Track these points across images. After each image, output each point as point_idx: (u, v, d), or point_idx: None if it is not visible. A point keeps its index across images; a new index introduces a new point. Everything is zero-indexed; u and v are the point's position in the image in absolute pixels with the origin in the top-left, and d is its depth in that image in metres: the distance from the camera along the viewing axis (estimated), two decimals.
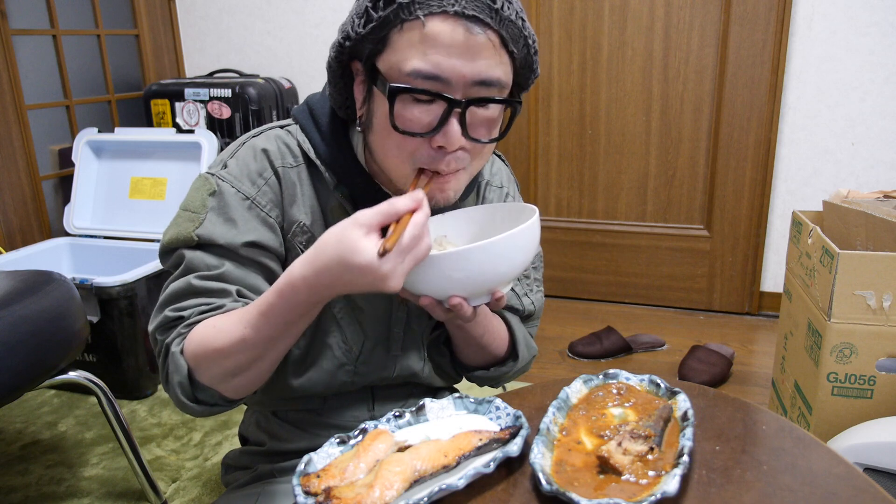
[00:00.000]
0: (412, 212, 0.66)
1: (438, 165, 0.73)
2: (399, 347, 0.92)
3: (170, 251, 0.81)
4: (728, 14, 2.27)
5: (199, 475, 1.64)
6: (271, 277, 0.82)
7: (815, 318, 1.42)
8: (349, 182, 0.82)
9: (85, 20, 2.60)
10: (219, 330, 0.73)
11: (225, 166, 0.82)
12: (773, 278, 2.48)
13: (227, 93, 2.52)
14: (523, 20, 0.72)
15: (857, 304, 1.32)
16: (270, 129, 0.86)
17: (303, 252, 0.78)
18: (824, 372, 1.36)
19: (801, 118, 2.29)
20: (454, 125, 0.71)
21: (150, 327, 0.80)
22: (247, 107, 2.51)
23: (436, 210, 0.80)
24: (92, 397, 1.96)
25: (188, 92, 2.57)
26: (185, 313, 0.77)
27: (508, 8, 0.70)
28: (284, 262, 0.84)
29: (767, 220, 2.41)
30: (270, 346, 0.73)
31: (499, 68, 0.71)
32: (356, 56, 0.74)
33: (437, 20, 0.68)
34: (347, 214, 0.82)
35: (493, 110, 0.74)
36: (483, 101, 0.71)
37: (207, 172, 0.82)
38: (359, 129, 0.79)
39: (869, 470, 1.13)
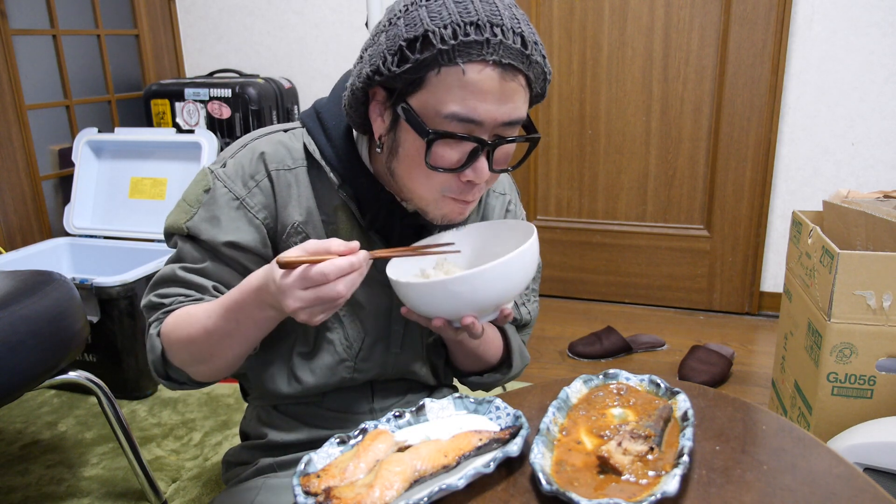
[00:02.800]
0: (342, 255, 0.69)
1: (465, 196, 0.78)
2: (398, 345, 0.93)
3: (168, 235, 0.89)
4: (728, 14, 2.27)
5: (199, 475, 1.64)
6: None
7: (815, 318, 1.42)
8: (354, 182, 0.85)
9: (85, 20, 2.60)
10: (190, 317, 0.81)
11: (224, 165, 0.86)
12: (773, 278, 2.48)
13: (227, 93, 2.52)
14: (544, 57, 0.75)
15: (857, 304, 1.32)
16: (274, 131, 0.89)
17: None
18: (824, 372, 1.36)
19: (801, 118, 2.29)
20: (483, 162, 0.75)
21: (142, 304, 0.88)
22: (247, 107, 2.51)
23: (441, 227, 0.88)
24: (92, 397, 1.96)
25: (188, 92, 2.57)
26: (166, 301, 0.85)
27: (535, 50, 0.73)
28: None
29: (767, 220, 2.41)
30: (226, 340, 0.79)
31: (523, 107, 0.76)
32: (381, 85, 0.76)
33: (475, 67, 0.70)
34: (352, 213, 0.87)
35: (514, 144, 0.78)
36: (510, 141, 0.76)
37: (208, 168, 0.87)
38: (378, 150, 0.82)
39: (869, 470, 1.13)
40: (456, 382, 1.09)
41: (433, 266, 0.87)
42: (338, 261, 0.68)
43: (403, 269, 0.84)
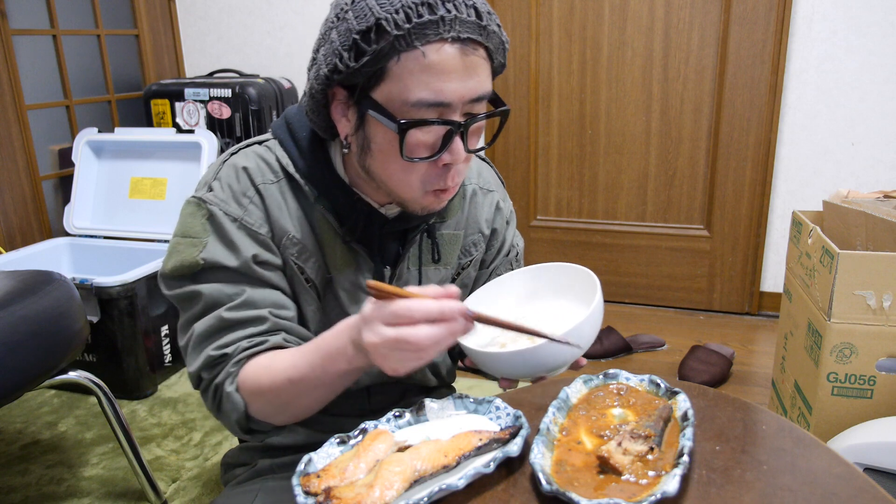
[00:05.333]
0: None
1: (446, 183, 0.76)
2: None
3: (174, 279, 0.82)
4: (728, 14, 2.27)
5: (199, 475, 1.64)
6: (286, 293, 0.85)
7: (815, 318, 1.42)
8: (329, 194, 0.83)
9: (85, 20, 2.60)
10: (269, 369, 0.76)
11: (210, 189, 0.82)
12: (773, 278, 2.48)
13: (227, 93, 2.52)
14: (500, 26, 0.74)
15: (857, 304, 1.32)
16: (249, 145, 0.86)
17: (296, 263, 0.83)
18: (824, 372, 1.36)
19: (801, 118, 2.29)
20: (458, 143, 0.73)
21: (192, 368, 0.80)
22: (247, 107, 2.51)
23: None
24: (92, 397, 1.96)
25: (188, 92, 2.57)
26: (228, 350, 0.79)
27: (489, 20, 0.71)
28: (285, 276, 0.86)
29: (767, 220, 2.41)
30: (312, 392, 0.76)
31: (487, 81, 0.74)
32: (340, 84, 0.74)
33: (434, 48, 0.68)
34: (331, 226, 0.84)
35: (484, 121, 0.76)
36: (482, 118, 0.74)
37: (196, 197, 0.83)
38: (345, 150, 0.80)
39: (869, 470, 1.13)
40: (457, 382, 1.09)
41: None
42: (427, 302, 0.63)
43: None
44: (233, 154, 0.85)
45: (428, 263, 0.93)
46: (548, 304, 0.88)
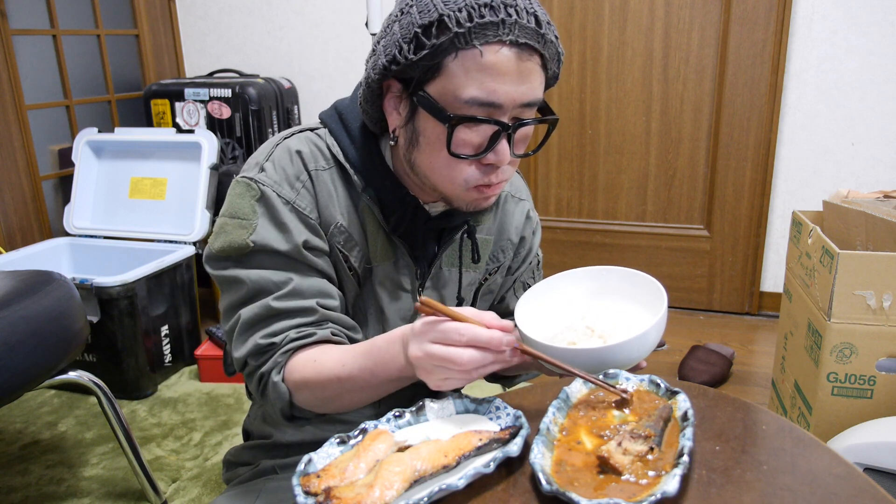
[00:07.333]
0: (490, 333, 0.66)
1: (490, 180, 0.78)
2: None
3: (220, 259, 0.82)
4: (728, 14, 2.27)
5: (199, 475, 1.64)
6: (331, 280, 0.85)
7: (815, 318, 1.42)
8: (378, 185, 0.84)
9: (85, 20, 2.60)
10: (317, 363, 0.78)
11: (262, 170, 0.82)
12: (773, 278, 2.48)
13: (227, 93, 2.52)
14: (557, 37, 0.75)
15: (857, 304, 1.32)
16: (301, 130, 0.87)
17: (341, 252, 0.84)
18: (824, 372, 1.36)
19: (801, 118, 2.29)
20: (504, 145, 0.75)
21: (238, 353, 0.81)
22: (247, 107, 2.51)
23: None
24: (92, 397, 1.96)
25: (188, 92, 2.57)
26: (276, 339, 0.79)
27: (548, 29, 0.73)
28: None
29: (767, 220, 2.41)
30: (358, 393, 0.78)
31: (539, 88, 0.75)
32: (396, 76, 0.75)
33: (492, 49, 0.70)
34: (375, 218, 0.86)
35: (531, 126, 0.77)
36: (529, 122, 0.76)
37: (246, 177, 0.82)
38: (392, 143, 0.81)
39: (869, 470, 1.13)
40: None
41: (565, 322, 0.87)
42: (478, 329, 0.65)
43: (533, 322, 0.84)
44: (286, 138, 0.85)
45: (466, 265, 0.94)
46: (613, 305, 0.90)
